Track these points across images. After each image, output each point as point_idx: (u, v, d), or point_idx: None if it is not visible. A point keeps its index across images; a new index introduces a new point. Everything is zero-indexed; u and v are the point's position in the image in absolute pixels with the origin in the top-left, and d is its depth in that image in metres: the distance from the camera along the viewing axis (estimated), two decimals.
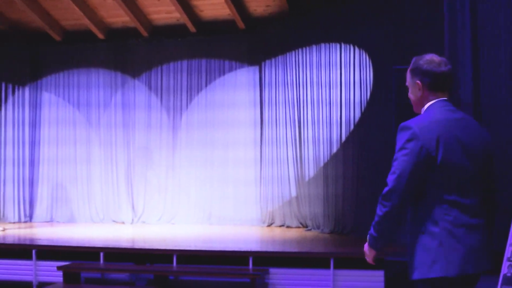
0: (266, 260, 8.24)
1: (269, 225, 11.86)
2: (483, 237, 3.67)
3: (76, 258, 8.91)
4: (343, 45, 10.98)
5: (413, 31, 10.07)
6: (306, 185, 11.42)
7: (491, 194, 3.82)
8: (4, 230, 11.08)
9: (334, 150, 11.01)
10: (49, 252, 9.02)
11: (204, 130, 12.45)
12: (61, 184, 13.10)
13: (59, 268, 8.46)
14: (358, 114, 10.89)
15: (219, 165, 12.35)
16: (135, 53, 12.88)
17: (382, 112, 9.96)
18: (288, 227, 11.66)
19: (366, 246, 3.86)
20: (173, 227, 12.09)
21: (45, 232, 11.25)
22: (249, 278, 7.95)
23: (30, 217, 13.17)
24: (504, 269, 6.07)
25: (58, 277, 8.51)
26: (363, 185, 10.38)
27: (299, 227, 11.55)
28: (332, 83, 11.10)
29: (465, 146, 3.65)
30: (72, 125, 13.11)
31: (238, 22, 11.87)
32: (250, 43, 12.23)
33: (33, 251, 8.89)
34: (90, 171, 13.00)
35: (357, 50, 10.88)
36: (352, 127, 10.90)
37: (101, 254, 8.72)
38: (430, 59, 3.77)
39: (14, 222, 12.80)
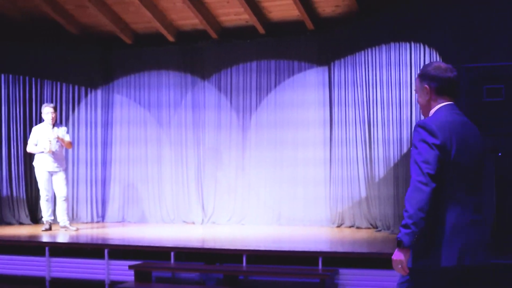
0: (335, 260, 8.19)
1: (338, 226, 11.80)
2: (482, 232, 3.94)
3: (147, 257, 9.03)
4: (413, 44, 10.84)
5: (484, 30, 9.92)
6: (376, 186, 11.31)
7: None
8: (77, 230, 11.27)
9: (404, 150, 10.88)
10: (121, 251, 9.16)
11: (274, 130, 12.47)
12: (132, 184, 13.29)
13: (130, 267, 8.57)
14: None
15: (288, 165, 12.33)
16: (205, 55, 12.96)
17: None
18: (357, 228, 11.56)
19: (395, 254, 3.88)
20: (242, 227, 12.11)
21: (117, 232, 11.41)
22: (318, 278, 7.91)
23: (102, 217, 13.38)
24: None
25: (129, 276, 8.62)
26: None
27: (368, 228, 11.46)
28: (402, 83, 10.97)
29: (470, 147, 3.95)
30: (143, 126, 13.29)
31: (307, 22, 11.85)
32: (319, 44, 12.20)
33: (106, 251, 9.02)
34: (161, 171, 13.15)
35: (427, 49, 10.73)
36: None
37: (172, 253, 8.79)
38: (438, 66, 4.11)
39: (86, 222, 13.02)
